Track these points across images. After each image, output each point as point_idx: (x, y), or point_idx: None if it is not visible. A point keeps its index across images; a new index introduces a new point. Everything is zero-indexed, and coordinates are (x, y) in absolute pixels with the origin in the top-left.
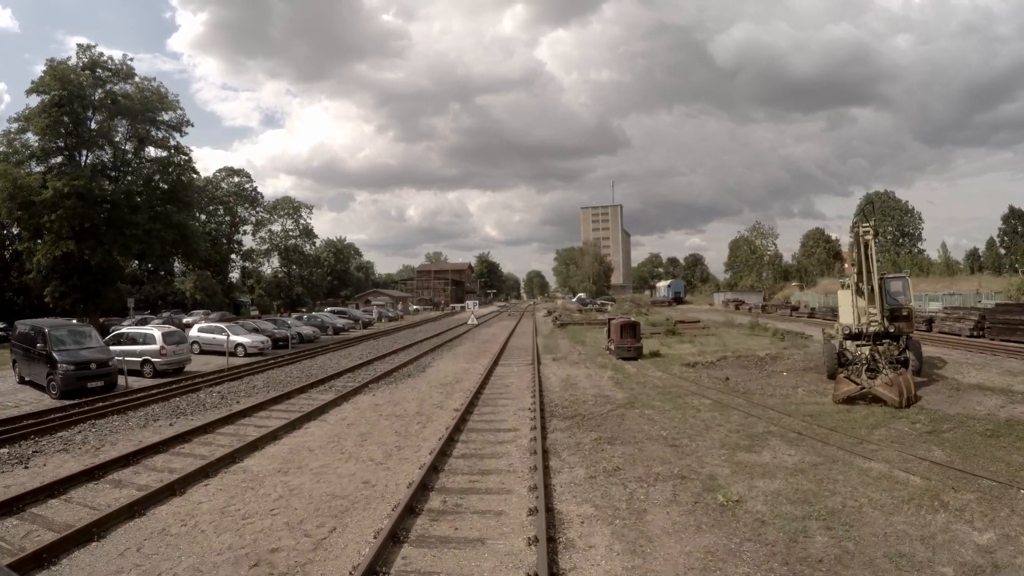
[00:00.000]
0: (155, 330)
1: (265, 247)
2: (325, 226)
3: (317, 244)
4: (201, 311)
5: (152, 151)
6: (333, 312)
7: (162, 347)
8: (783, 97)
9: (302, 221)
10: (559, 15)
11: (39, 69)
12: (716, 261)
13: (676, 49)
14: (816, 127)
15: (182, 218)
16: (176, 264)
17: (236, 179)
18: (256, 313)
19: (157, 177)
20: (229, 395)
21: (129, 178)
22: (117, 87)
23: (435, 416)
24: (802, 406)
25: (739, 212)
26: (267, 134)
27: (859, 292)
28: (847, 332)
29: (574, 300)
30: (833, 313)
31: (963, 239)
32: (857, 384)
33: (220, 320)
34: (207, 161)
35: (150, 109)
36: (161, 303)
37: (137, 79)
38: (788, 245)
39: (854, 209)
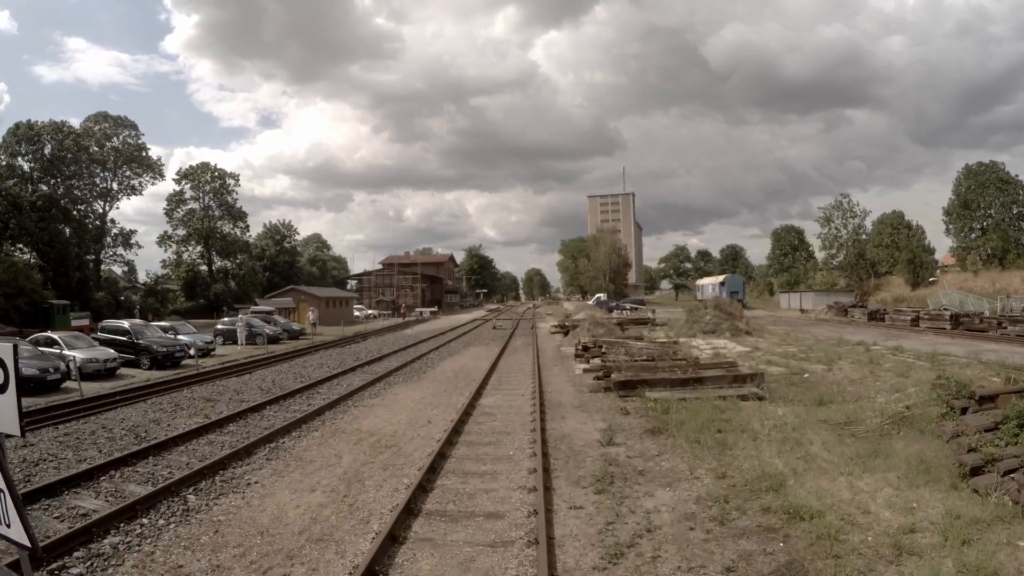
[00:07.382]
0: None
1: (181, 232)
2: (324, 227)
3: (251, 230)
4: None
5: None
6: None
7: None
8: (778, 99)
9: (227, 198)
10: (551, 17)
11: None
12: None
13: (669, 51)
14: (812, 129)
15: None
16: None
17: (107, 127)
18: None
19: None
20: None
21: None
22: None
23: None
24: None
25: (737, 214)
26: (264, 135)
27: None
28: None
29: (591, 302)
30: None
31: None
32: None
33: None
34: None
35: None
36: None
37: None
38: None
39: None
